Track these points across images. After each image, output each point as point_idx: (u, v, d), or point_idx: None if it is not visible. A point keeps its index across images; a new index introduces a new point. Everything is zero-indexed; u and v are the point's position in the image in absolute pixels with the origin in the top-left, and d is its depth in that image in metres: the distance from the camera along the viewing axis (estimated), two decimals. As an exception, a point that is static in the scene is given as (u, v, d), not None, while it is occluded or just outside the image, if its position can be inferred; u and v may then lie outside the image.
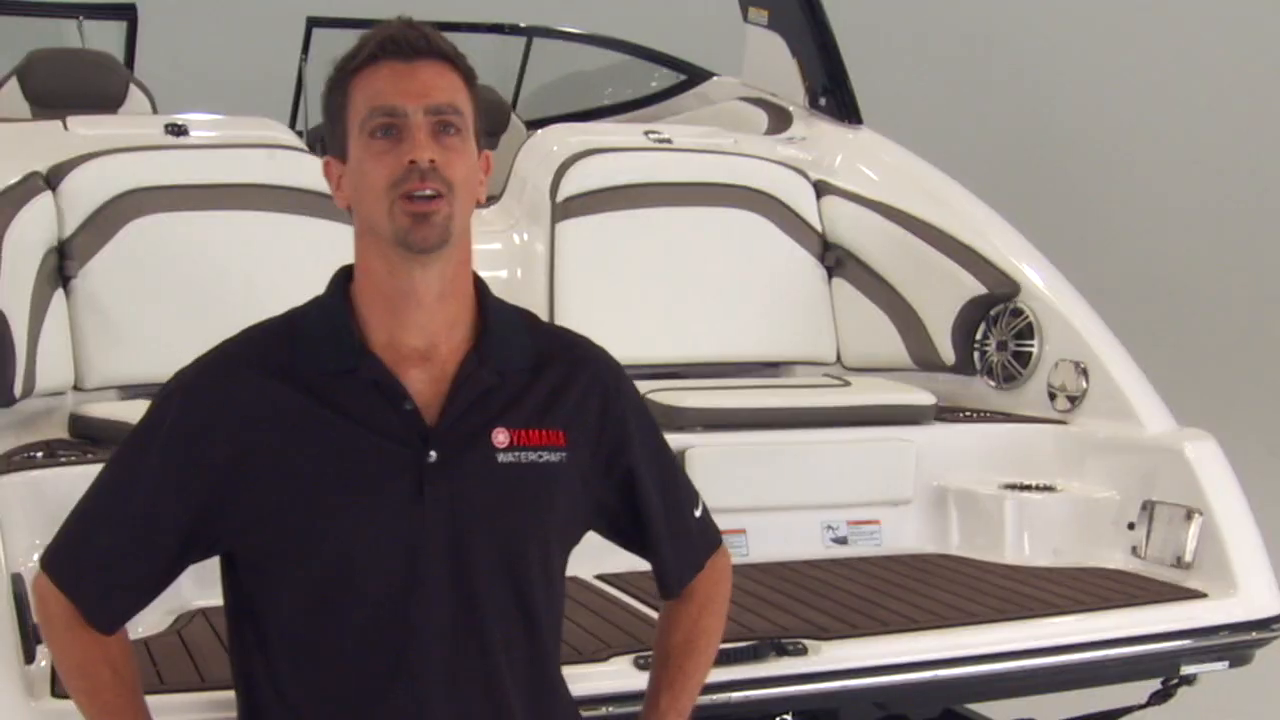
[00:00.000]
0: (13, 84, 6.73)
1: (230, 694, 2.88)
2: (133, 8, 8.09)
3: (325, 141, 2.72)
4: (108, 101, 6.67)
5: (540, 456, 2.70)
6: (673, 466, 3.00)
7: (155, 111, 6.70)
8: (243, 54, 10.16)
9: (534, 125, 6.86)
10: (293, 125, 8.10)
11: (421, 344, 2.65)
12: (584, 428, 2.77)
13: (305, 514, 2.58)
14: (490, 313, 2.74)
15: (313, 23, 7.92)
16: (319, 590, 2.60)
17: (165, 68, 8.81)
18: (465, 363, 2.67)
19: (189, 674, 3.47)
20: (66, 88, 6.60)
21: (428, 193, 2.54)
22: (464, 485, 2.62)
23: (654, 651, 3.07)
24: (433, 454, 2.60)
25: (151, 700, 3.28)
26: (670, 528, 2.95)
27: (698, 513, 3.04)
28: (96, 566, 2.66)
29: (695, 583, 3.01)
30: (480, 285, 2.77)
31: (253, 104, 7.07)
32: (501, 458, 2.66)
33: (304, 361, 2.63)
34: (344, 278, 2.73)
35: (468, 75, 2.66)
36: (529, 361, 2.75)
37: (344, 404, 2.60)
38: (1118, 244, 10.56)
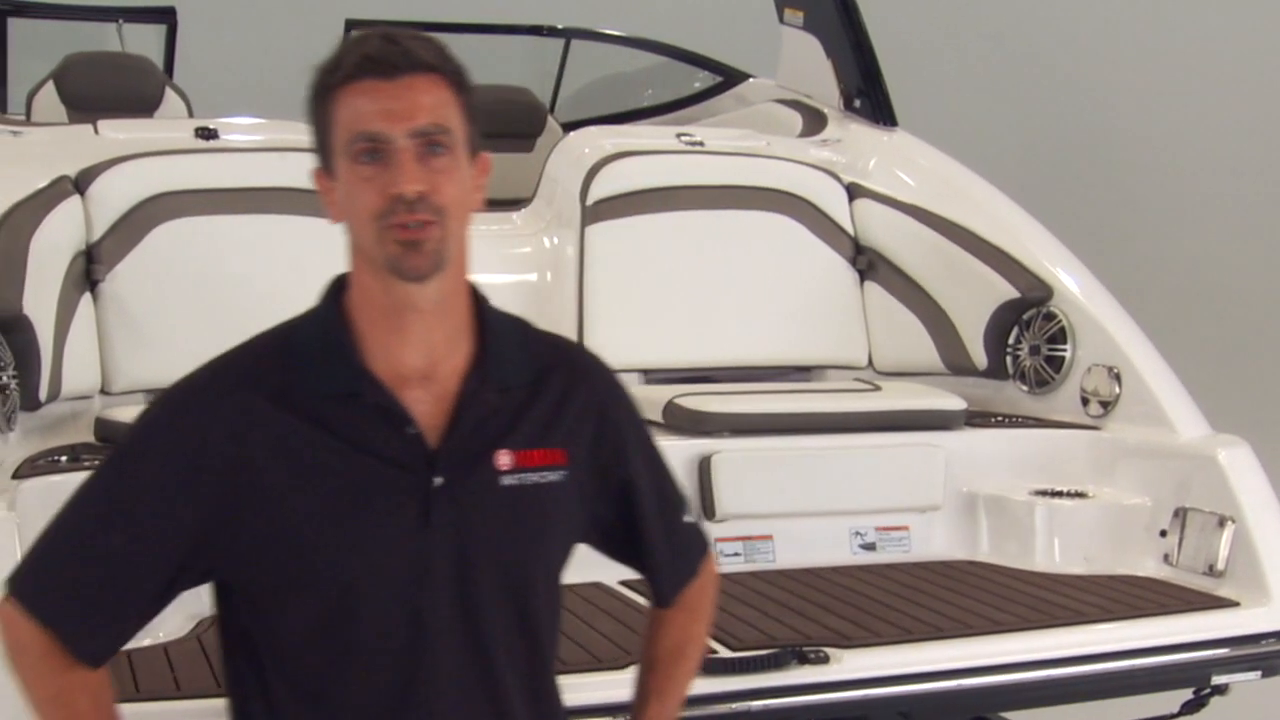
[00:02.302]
0: (49, 88, 6.77)
1: None
2: (172, 11, 8.13)
3: (316, 151, 2.59)
4: (143, 105, 6.70)
5: (542, 477, 2.62)
6: (667, 474, 2.91)
7: (191, 115, 6.72)
8: (282, 57, 10.17)
9: (571, 128, 6.83)
10: (331, 126, 8.10)
11: (422, 363, 2.55)
12: (582, 443, 2.69)
13: (308, 544, 2.48)
14: (490, 326, 2.64)
15: (352, 25, 7.92)
16: (322, 621, 2.50)
17: (205, 71, 8.85)
18: (467, 382, 2.57)
19: (207, 680, 3.46)
20: (102, 91, 6.64)
21: (416, 223, 2.44)
22: (469, 510, 2.54)
23: (641, 659, 3.02)
24: (438, 479, 2.52)
25: (167, 707, 3.26)
26: (666, 537, 2.87)
27: (689, 519, 2.96)
28: (81, 596, 2.52)
29: (685, 590, 2.94)
30: (478, 296, 2.66)
31: (292, 107, 7.06)
32: (504, 480, 2.58)
33: (302, 383, 2.52)
34: (338, 289, 2.61)
35: (456, 81, 2.52)
36: (529, 375, 2.66)
37: (345, 429, 2.50)
38: (1156, 246, 10.47)
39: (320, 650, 2.51)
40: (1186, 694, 4.40)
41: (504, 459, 2.58)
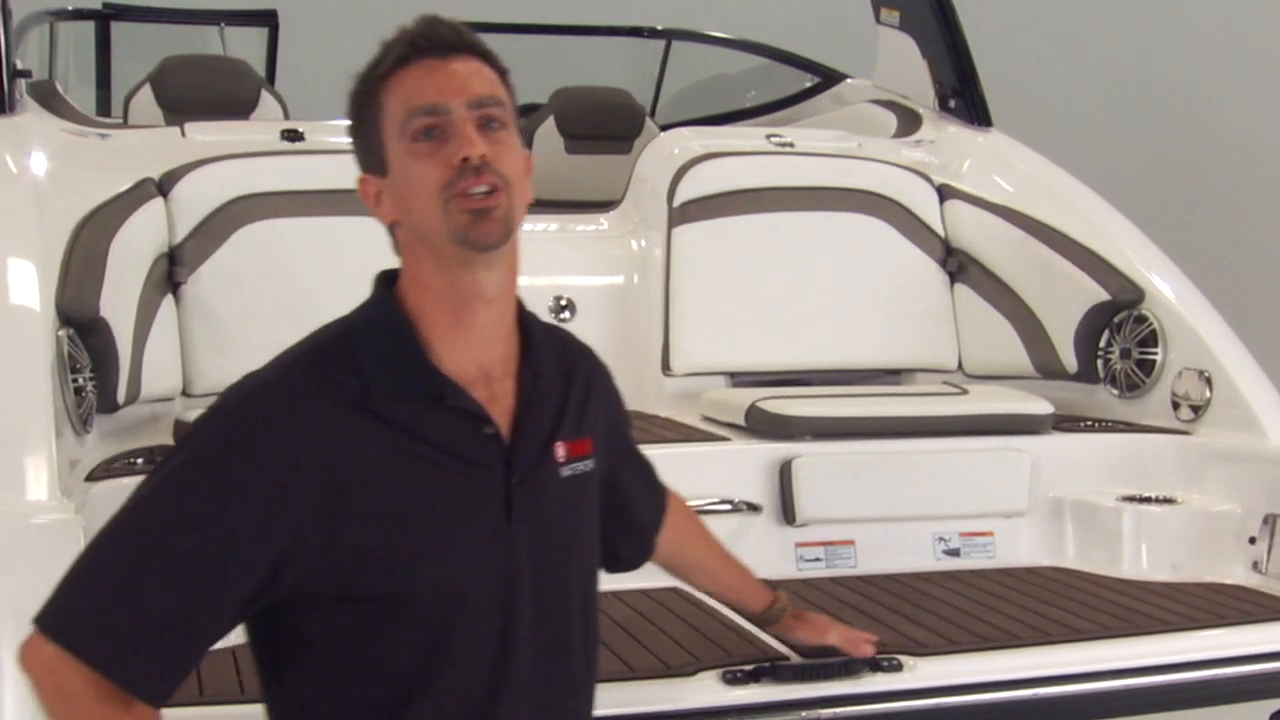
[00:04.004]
0: (146, 91, 6.83)
1: None
2: (273, 14, 8.18)
3: (358, 159, 2.59)
4: (239, 108, 6.73)
5: (587, 465, 2.69)
6: (641, 453, 3.12)
7: (287, 118, 6.74)
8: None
9: (669, 130, 6.82)
10: (429, 129, 8.12)
11: (486, 359, 2.55)
12: (601, 431, 2.78)
13: (408, 551, 2.44)
14: (530, 323, 2.66)
15: (451, 27, 7.92)
16: (421, 624, 2.46)
17: (310, 75, 8.89)
18: (523, 377, 2.60)
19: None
20: (197, 94, 6.68)
21: (484, 189, 2.43)
22: (541, 502, 2.57)
23: (719, 592, 3.48)
24: (515, 475, 2.54)
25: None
26: (648, 498, 3.12)
27: (657, 477, 3.19)
28: (146, 637, 2.34)
29: (665, 519, 3.19)
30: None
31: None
32: (563, 472, 2.63)
33: (380, 389, 2.45)
34: (388, 287, 2.58)
35: (503, 73, 2.55)
36: (561, 368, 2.70)
37: (427, 432, 2.47)
38: (1264, 247, 10.36)
39: (415, 659, 2.46)
40: (1275, 704, 4.32)
41: (560, 451, 2.63)
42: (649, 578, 3.38)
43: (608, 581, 2.92)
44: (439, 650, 2.46)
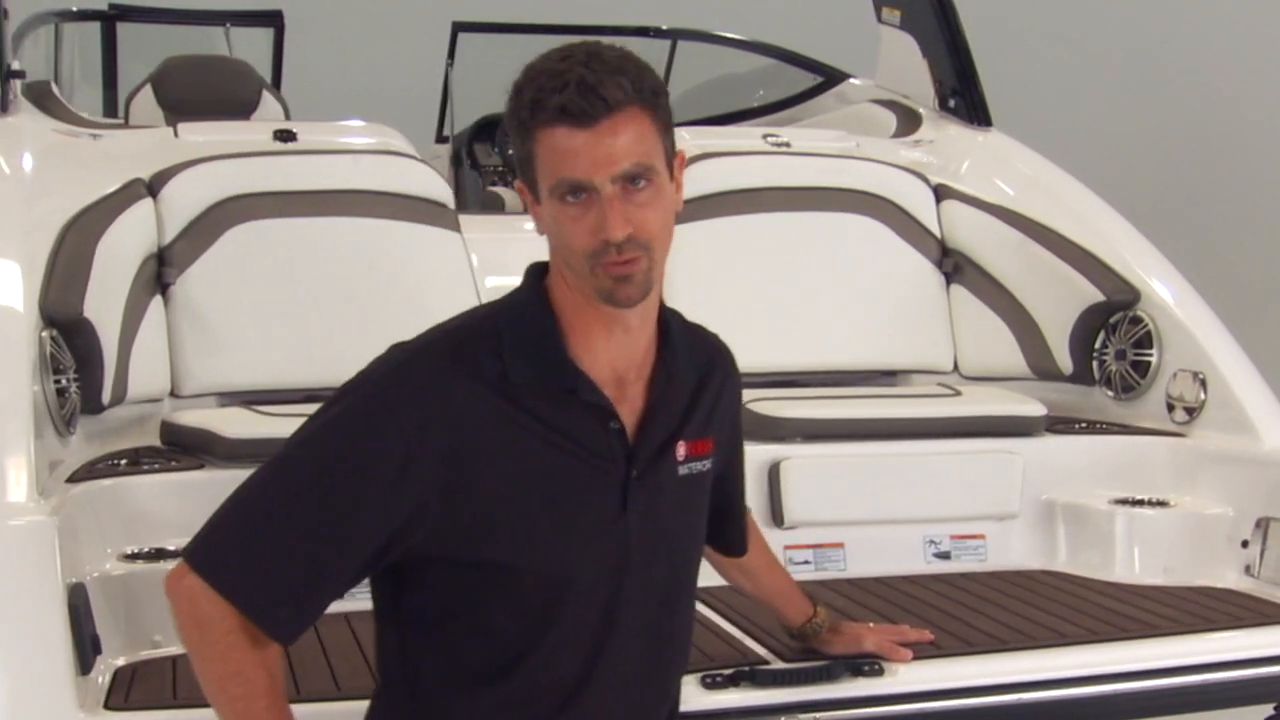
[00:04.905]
0: (147, 91, 6.83)
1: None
2: (279, 15, 8.18)
3: (517, 168, 2.66)
4: (240, 108, 6.73)
5: (702, 465, 2.83)
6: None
7: (289, 119, 6.73)
8: (392, 60, 10.20)
9: (671, 130, 6.78)
10: (440, 130, 8.15)
11: (621, 364, 2.69)
12: (724, 433, 2.93)
13: (526, 530, 2.60)
14: (670, 326, 2.77)
15: (458, 28, 7.94)
16: (530, 601, 2.62)
17: (319, 76, 8.90)
18: (656, 381, 2.74)
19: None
20: (198, 95, 6.69)
21: (626, 259, 2.53)
22: (656, 498, 2.71)
23: (759, 596, 3.51)
24: (634, 471, 2.68)
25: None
26: (740, 498, 3.25)
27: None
28: (279, 576, 2.54)
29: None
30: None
31: (401, 111, 7.09)
32: (680, 470, 2.78)
33: (517, 374, 2.60)
34: (538, 278, 2.71)
35: (650, 103, 2.56)
36: (697, 370, 2.84)
37: (557, 420, 2.62)
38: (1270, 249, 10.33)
39: (521, 628, 2.62)
40: (1267, 710, 4.28)
41: (681, 450, 2.78)
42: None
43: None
44: (544, 625, 2.63)
